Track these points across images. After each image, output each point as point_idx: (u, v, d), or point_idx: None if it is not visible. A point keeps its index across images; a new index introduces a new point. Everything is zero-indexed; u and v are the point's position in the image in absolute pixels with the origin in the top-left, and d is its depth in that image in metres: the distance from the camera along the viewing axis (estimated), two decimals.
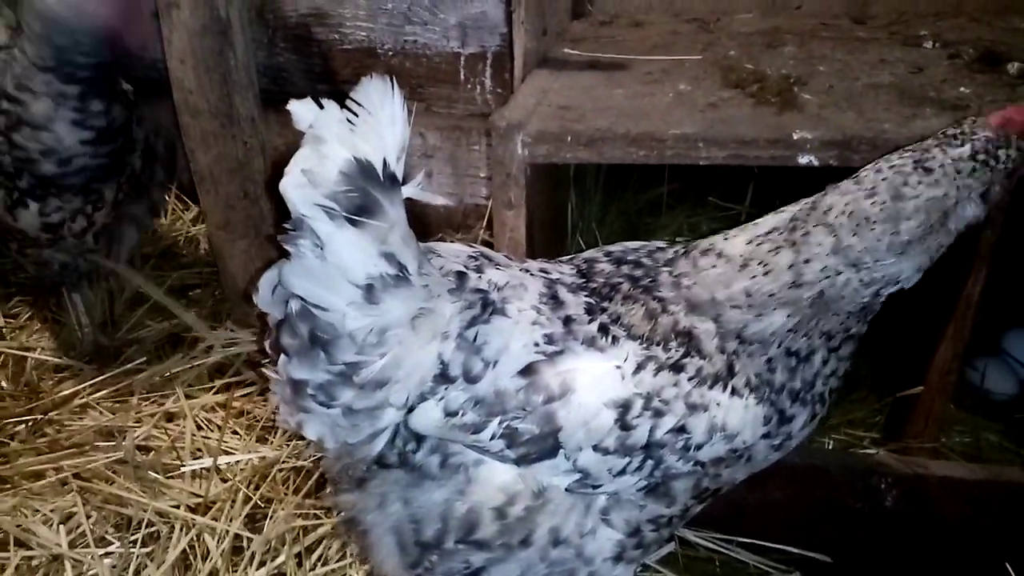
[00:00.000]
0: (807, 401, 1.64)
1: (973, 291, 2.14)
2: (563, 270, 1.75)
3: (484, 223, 3.32)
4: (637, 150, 2.05)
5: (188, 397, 2.78)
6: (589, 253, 1.82)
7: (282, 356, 1.52)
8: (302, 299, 1.43)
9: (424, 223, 3.39)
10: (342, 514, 1.77)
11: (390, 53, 3.27)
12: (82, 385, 2.86)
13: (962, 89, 2.23)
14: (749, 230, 1.66)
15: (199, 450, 2.60)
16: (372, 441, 1.58)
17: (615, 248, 1.80)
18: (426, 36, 3.22)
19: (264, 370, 1.62)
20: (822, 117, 2.08)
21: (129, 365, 2.92)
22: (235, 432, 2.66)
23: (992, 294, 2.18)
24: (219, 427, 2.64)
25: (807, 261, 1.51)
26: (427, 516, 1.61)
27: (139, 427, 2.67)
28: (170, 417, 2.74)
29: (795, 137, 1.97)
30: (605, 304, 1.63)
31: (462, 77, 3.27)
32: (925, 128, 1.98)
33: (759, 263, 1.57)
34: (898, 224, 1.46)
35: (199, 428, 2.68)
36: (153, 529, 2.32)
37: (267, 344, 1.57)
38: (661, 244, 1.81)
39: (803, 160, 1.97)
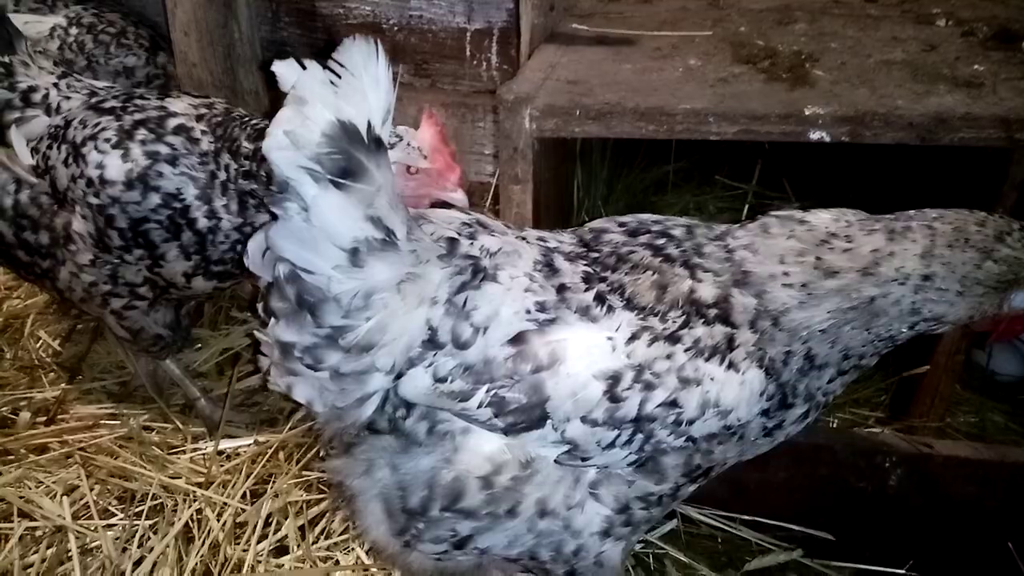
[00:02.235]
0: (805, 399, 1.63)
1: None
2: (563, 239, 1.73)
3: (489, 200, 3.29)
4: (646, 124, 2.03)
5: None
6: (598, 223, 1.78)
7: (272, 319, 1.51)
8: (290, 262, 1.43)
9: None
10: (333, 479, 1.77)
11: (395, 28, 3.23)
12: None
13: (976, 67, 2.21)
14: (834, 211, 1.62)
15: (205, 432, 2.60)
16: (361, 405, 1.57)
17: (628, 219, 1.76)
18: (432, 11, 3.18)
19: (256, 332, 1.61)
20: (834, 93, 2.06)
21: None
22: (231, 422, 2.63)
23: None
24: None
25: (892, 254, 1.50)
26: (414, 483, 1.60)
27: (144, 412, 2.67)
28: (180, 408, 2.73)
29: (807, 112, 1.95)
30: (607, 274, 1.61)
31: (468, 53, 3.23)
32: (939, 105, 1.97)
33: (845, 237, 1.53)
34: (985, 260, 1.48)
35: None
36: (157, 502, 2.32)
37: (259, 307, 1.56)
38: (692, 221, 1.76)
39: (815, 136, 1.95)
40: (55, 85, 2.32)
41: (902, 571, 2.20)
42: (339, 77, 1.34)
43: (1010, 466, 2.20)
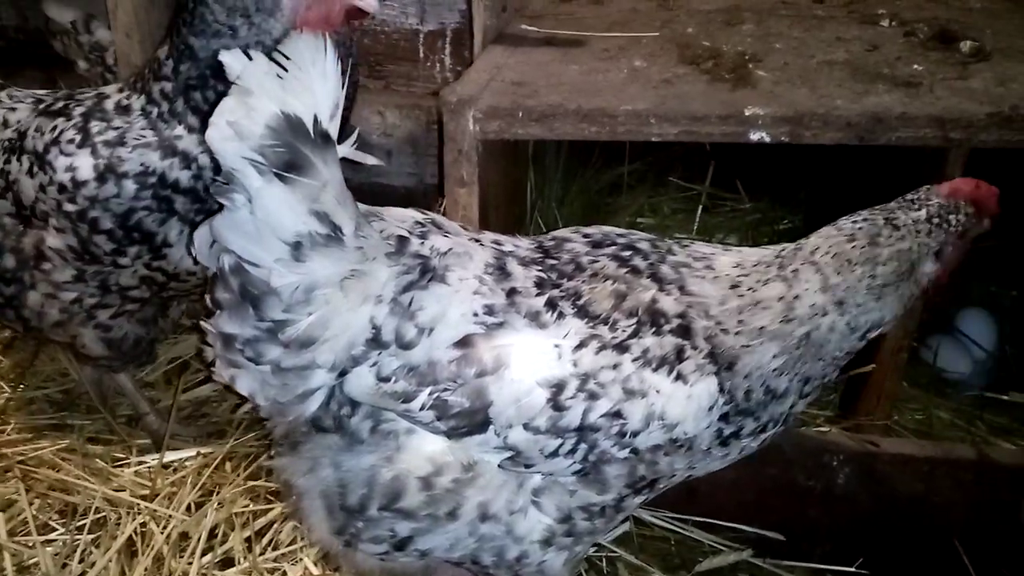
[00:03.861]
0: (766, 427, 1.66)
1: None
2: (519, 243, 1.72)
3: (443, 203, 3.27)
4: (589, 126, 2.02)
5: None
6: (562, 232, 1.79)
7: (216, 310, 1.50)
8: (235, 253, 1.42)
9: (384, 202, 3.34)
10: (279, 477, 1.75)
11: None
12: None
13: (915, 66, 2.23)
14: (734, 254, 1.67)
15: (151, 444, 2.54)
16: (304, 401, 1.56)
17: (592, 230, 1.77)
18: (384, 12, 3.15)
19: (201, 322, 1.59)
20: (775, 94, 2.07)
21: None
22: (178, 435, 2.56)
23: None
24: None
25: (797, 296, 1.57)
26: (353, 481, 1.58)
27: (90, 423, 2.60)
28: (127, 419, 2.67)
29: (747, 113, 1.96)
30: (562, 280, 1.60)
31: (421, 55, 3.22)
32: (877, 104, 1.98)
33: (749, 289, 1.58)
34: (875, 268, 1.57)
35: None
36: (100, 516, 2.26)
37: (207, 298, 1.55)
38: (651, 236, 1.78)
39: (755, 136, 1.96)
40: None
41: (851, 569, 2.22)
42: (286, 70, 1.33)
43: (955, 463, 2.23)
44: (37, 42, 3.24)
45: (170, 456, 2.45)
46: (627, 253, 1.66)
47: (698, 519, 2.31)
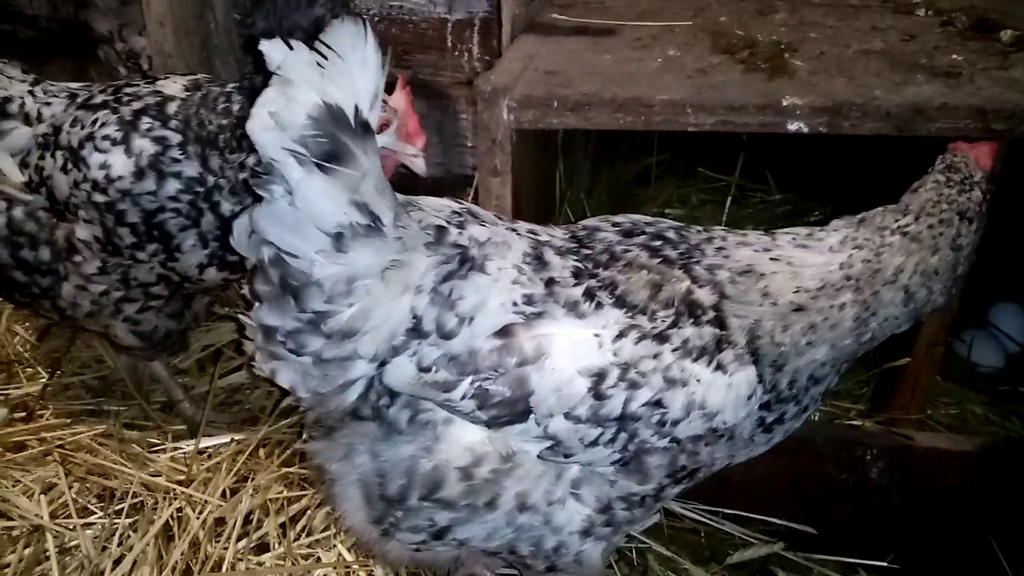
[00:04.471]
0: (807, 408, 1.67)
1: None
2: (554, 233, 1.72)
3: (471, 193, 3.27)
4: (624, 116, 2.01)
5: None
6: (591, 221, 1.78)
7: (256, 302, 1.50)
8: (274, 245, 1.41)
9: (411, 193, 3.35)
10: (313, 461, 1.77)
11: (375, 19, 3.20)
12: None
13: (954, 56, 2.20)
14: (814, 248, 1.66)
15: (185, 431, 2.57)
16: (344, 392, 1.56)
17: (620, 219, 1.76)
18: (412, 1, 3.15)
19: (239, 315, 1.60)
20: (812, 83, 2.05)
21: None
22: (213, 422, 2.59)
23: (980, 267, 2.17)
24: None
25: (874, 315, 1.60)
26: (392, 471, 1.59)
27: (126, 409, 2.64)
28: (162, 406, 2.70)
29: (784, 103, 1.94)
30: (598, 270, 1.60)
31: (449, 44, 3.20)
32: (916, 95, 1.96)
33: (822, 314, 1.58)
34: (956, 271, 1.63)
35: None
36: (137, 500, 2.30)
37: (245, 290, 1.55)
38: (676, 223, 1.78)
39: (792, 126, 1.94)
40: (30, 92, 2.24)
41: (883, 563, 2.21)
42: (326, 59, 1.31)
43: (989, 458, 2.21)
44: (67, 31, 3.28)
45: (205, 442, 2.48)
46: (657, 244, 1.66)
47: (729, 511, 2.31)
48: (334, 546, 2.18)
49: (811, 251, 1.62)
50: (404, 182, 1.48)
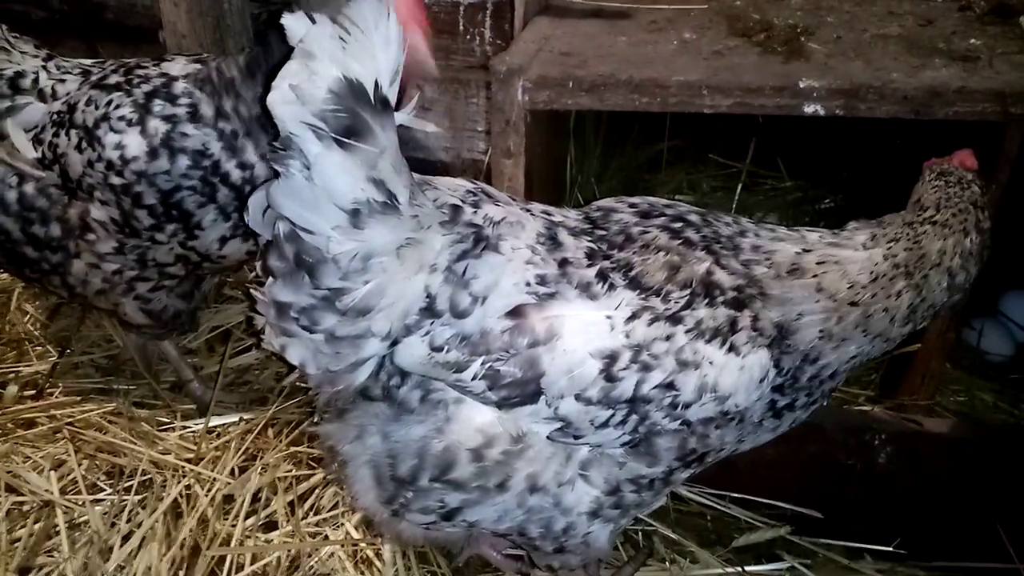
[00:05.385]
0: (817, 400, 1.69)
1: None
2: (568, 214, 1.72)
3: (482, 178, 3.27)
4: (640, 97, 2.00)
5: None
6: (606, 202, 1.77)
7: (269, 277, 1.49)
8: (289, 220, 1.40)
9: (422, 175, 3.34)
10: (324, 443, 1.76)
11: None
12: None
13: (972, 41, 2.18)
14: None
15: (194, 410, 2.58)
16: (355, 370, 1.56)
17: (638, 200, 1.75)
18: None
19: (252, 290, 1.59)
20: (829, 66, 2.03)
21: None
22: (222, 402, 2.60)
23: (990, 256, 2.16)
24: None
25: (924, 300, 1.62)
26: (404, 452, 1.59)
27: (135, 388, 2.65)
28: (171, 385, 2.71)
29: (801, 85, 1.93)
30: (612, 252, 1.60)
31: (461, 27, 3.18)
32: (934, 78, 1.94)
33: (882, 308, 1.60)
34: (983, 255, 1.67)
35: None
36: (146, 478, 2.31)
37: (258, 266, 1.54)
38: (698, 208, 1.78)
39: (809, 109, 1.93)
40: (44, 68, 2.23)
41: (890, 548, 2.21)
42: (348, 34, 1.30)
43: (998, 445, 2.21)
44: (79, 12, 3.27)
45: (214, 421, 2.49)
46: (678, 225, 1.65)
47: (735, 495, 2.31)
48: (341, 524, 2.20)
49: (846, 248, 1.64)
50: (414, 166, 1.46)
